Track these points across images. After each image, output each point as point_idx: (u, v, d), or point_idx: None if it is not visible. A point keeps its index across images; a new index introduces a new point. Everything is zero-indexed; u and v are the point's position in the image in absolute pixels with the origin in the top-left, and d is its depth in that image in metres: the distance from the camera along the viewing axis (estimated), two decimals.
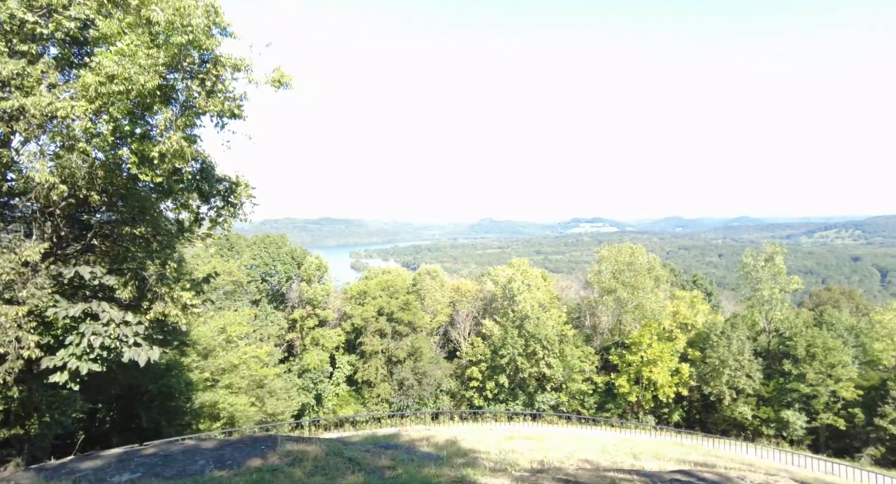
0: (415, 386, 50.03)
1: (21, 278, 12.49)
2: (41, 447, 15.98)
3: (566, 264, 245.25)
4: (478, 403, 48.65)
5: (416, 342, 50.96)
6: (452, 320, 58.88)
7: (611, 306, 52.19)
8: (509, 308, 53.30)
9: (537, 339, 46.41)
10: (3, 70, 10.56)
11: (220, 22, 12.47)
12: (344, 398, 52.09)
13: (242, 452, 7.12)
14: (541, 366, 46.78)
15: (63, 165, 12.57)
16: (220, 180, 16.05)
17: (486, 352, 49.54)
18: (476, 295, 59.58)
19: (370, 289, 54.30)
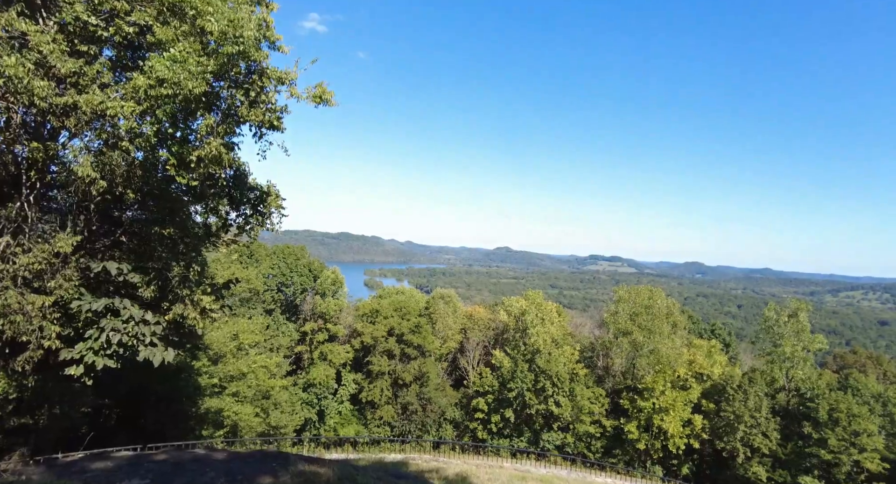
0: (419, 412, 49.08)
1: (51, 269, 12.67)
2: (46, 439, 15.91)
3: (581, 301, 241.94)
4: (481, 435, 47.38)
5: (423, 366, 50.24)
6: (462, 347, 58.05)
7: (625, 348, 50.89)
8: (521, 340, 52.36)
9: (548, 375, 45.33)
10: (62, 68, 10.95)
11: (271, 36, 12.82)
12: (346, 417, 51.30)
13: (253, 468, 6.92)
14: (549, 403, 45.53)
15: (104, 162, 12.87)
16: (251, 188, 16.25)
17: (494, 384, 48.50)
18: (488, 324, 58.79)
19: (383, 308, 54.06)
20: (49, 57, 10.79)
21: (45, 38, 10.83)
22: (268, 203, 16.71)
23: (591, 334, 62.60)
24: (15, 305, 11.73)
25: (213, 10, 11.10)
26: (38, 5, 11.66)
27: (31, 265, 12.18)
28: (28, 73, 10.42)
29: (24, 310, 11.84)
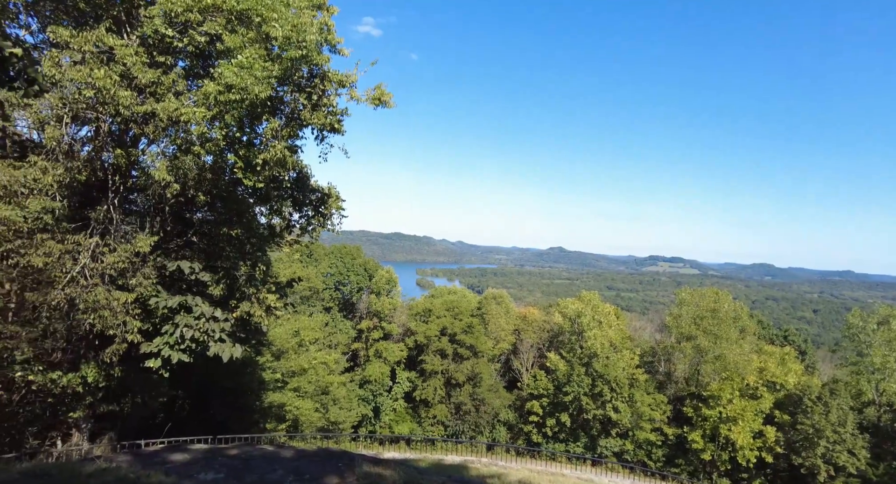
0: (472, 412, 48.90)
1: (132, 267, 13.49)
2: (129, 425, 17.05)
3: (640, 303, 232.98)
4: (536, 439, 46.57)
5: (476, 367, 50.00)
6: (515, 349, 57.32)
7: (689, 354, 48.44)
8: (577, 343, 50.99)
9: (605, 379, 43.89)
10: (142, 78, 11.62)
11: (332, 39, 13.05)
12: (401, 414, 51.97)
13: (319, 467, 7.01)
14: (607, 409, 44.08)
15: (178, 166, 13.57)
16: (313, 190, 16.68)
17: (549, 387, 47.52)
18: (542, 325, 57.72)
19: (435, 308, 54.32)
20: (132, 68, 11.48)
21: (129, 51, 11.53)
22: (328, 204, 17.11)
23: (651, 338, 60.12)
24: (103, 301, 12.59)
25: (278, 16, 11.42)
26: (123, 21, 12.45)
27: (115, 264, 13.03)
28: (114, 84, 11.13)
29: (110, 305, 12.69)
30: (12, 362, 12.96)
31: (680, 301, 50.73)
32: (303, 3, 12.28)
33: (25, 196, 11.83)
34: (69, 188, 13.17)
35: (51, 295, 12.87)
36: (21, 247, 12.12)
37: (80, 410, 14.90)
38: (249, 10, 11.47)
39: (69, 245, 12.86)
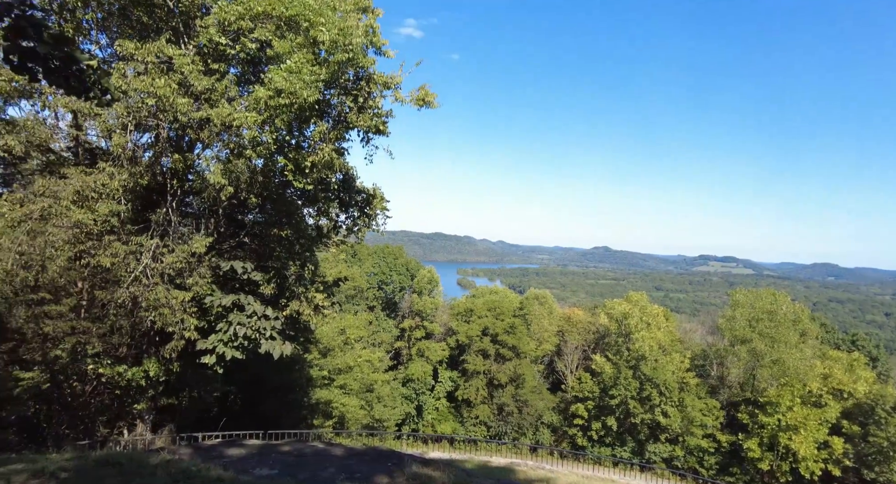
0: (515, 413, 48.42)
1: (189, 267, 14.10)
2: (187, 418, 17.87)
3: (689, 305, 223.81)
4: (581, 442, 45.58)
5: (519, 368, 49.46)
6: (559, 350, 56.32)
7: (743, 358, 46.07)
8: (624, 346, 49.53)
9: (654, 383, 42.40)
10: (198, 85, 12.11)
11: (377, 41, 13.17)
12: (443, 413, 52.12)
13: (369, 466, 7.08)
14: (655, 413, 42.59)
15: (231, 170, 14.05)
16: (358, 191, 16.92)
17: (595, 389, 46.39)
18: (587, 327, 56.42)
19: (476, 307, 54.13)
20: (189, 76, 11.99)
21: (186, 60, 12.04)
22: (373, 205, 17.34)
23: (702, 341, 57.61)
24: (163, 299, 13.24)
25: (325, 20, 11.63)
26: (181, 32, 13.04)
27: (174, 264, 13.67)
28: (173, 92, 11.66)
29: (169, 304, 13.32)
30: (85, 356, 13.83)
31: (734, 302, 48.35)
32: (348, 7, 12.47)
33: (95, 200, 12.58)
34: (132, 192, 13.92)
35: (117, 293, 13.66)
36: (91, 248, 12.91)
37: (143, 402, 15.75)
38: (298, 16, 11.73)
39: (133, 246, 13.60)
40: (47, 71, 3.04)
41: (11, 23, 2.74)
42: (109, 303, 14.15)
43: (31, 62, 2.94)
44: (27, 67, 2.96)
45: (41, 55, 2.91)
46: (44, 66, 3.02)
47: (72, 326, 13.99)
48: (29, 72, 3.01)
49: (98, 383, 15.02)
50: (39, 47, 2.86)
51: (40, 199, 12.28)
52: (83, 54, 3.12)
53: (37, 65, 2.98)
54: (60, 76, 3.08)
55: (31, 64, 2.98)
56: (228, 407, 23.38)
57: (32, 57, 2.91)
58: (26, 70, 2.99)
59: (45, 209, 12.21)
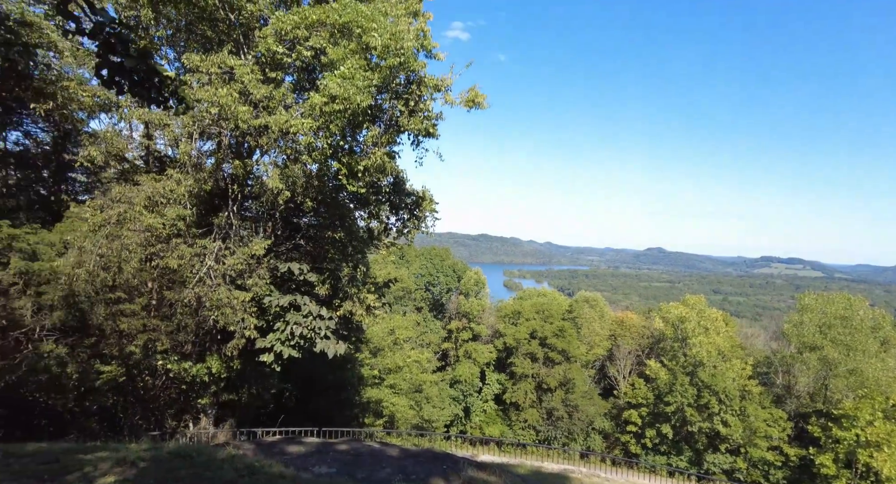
0: (565, 418, 47.46)
1: (249, 269, 14.71)
2: (245, 414, 18.65)
3: (750, 309, 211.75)
4: (634, 449, 44.08)
5: (569, 372, 48.46)
6: (611, 355, 54.75)
7: (813, 366, 43.03)
8: (680, 351, 47.51)
9: (713, 390, 40.41)
10: (257, 93, 12.61)
11: (428, 44, 13.25)
12: (491, 416, 51.84)
13: (425, 468, 7.10)
14: (714, 422, 40.56)
15: (287, 175, 14.54)
16: (408, 194, 17.09)
17: (649, 396, 44.76)
18: (641, 331, 54.55)
19: (524, 310, 53.50)
20: (248, 85, 12.51)
21: (246, 69, 12.58)
22: (423, 207, 17.46)
23: (765, 347, 54.38)
24: (225, 300, 13.87)
25: (377, 25, 11.81)
26: (241, 43, 13.64)
27: (235, 265, 14.30)
28: (234, 101, 12.20)
29: (231, 304, 13.94)
30: (155, 352, 14.70)
31: (802, 307, 45.30)
32: (399, 12, 12.62)
33: (164, 205, 13.35)
34: (197, 197, 14.68)
35: (183, 293, 14.44)
36: (160, 250, 13.72)
37: (206, 397, 16.56)
38: (351, 23, 11.98)
39: (197, 248, 14.34)
40: (132, 84, 3.24)
41: (104, 40, 2.94)
42: (176, 302, 14.99)
43: (119, 76, 3.15)
44: (115, 81, 3.17)
45: (127, 69, 3.10)
46: (129, 80, 3.22)
47: (143, 323, 14.92)
48: (117, 85, 3.21)
49: (166, 378, 15.93)
50: (126, 62, 3.05)
51: (117, 205, 13.18)
52: (162, 67, 3.30)
53: (123, 78, 3.18)
54: (143, 88, 3.27)
55: (118, 78, 3.18)
56: (284, 404, 24.21)
57: (120, 71, 3.11)
58: (114, 84, 3.20)
59: (121, 214, 13.09)
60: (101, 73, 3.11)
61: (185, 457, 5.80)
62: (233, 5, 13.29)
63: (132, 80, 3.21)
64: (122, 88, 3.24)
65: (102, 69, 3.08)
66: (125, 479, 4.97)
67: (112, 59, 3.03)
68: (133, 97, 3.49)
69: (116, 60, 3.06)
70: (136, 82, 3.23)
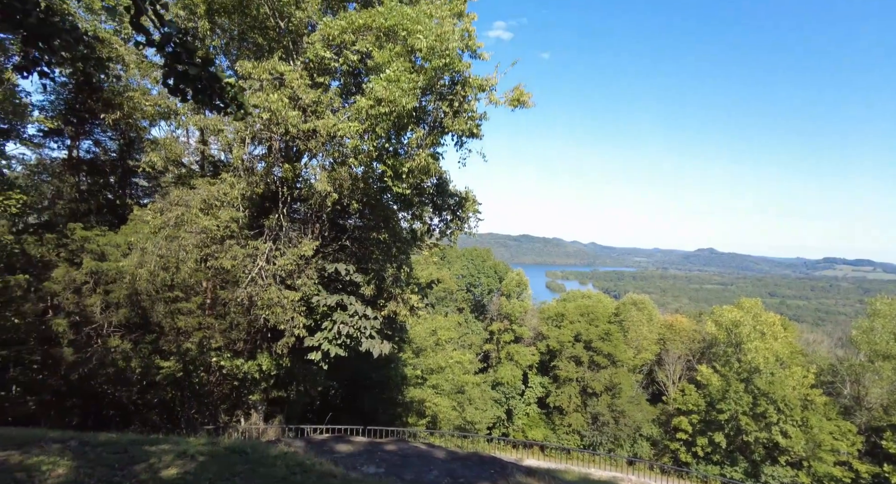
0: (610, 423, 46.22)
1: (298, 269, 15.11)
2: (294, 411, 19.17)
3: (812, 313, 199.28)
4: (684, 458, 42.39)
5: (615, 377, 47.16)
6: (660, 360, 52.89)
7: (887, 377, 40.09)
8: (734, 356, 45.30)
9: (770, 399, 38.30)
10: (306, 98, 12.94)
11: (472, 45, 13.19)
12: (534, 419, 51.16)
13: (472, 472, 7.06)
14: (773, 432, 38.41)
15: (334, 177, 14.85)
16: (451, 195, 17.08)
17: (700, 403, 42.92)
18: (691, 335, 52.42)
19: (568, 312, 52.48)
20: (297, 90, 12.85)
21: (295, 75, 12.93)
22: (465, 208, 17.41)
23: (830, 354, 51.06)
24: (275, 299, 14.30)
25: (423, 27, 11.86)
26: (290, 49, 14.03)
27: (285, 266, 14.72)
28: (285, 106, 12.56)
29: (281, 303, 14.37)
30: (209, 349, 15.35)
31: (872, 312, 42.33)
32: (444, 13, 12.62)
33: (218, 208, 13.91)
34: (249, 200, 15.22)
35: (236, 293, 15.00)
36: (215, 251, 14.29)
37: (257, 394, 17.14)
38: (396, 26, 12.09)
39: (249, 249, 14.86)
40: (195, 91, 3.36)
41: (170, 50, 3.06)
42: (230, 301, 15.61)
43: (183, 84, 3.27)
44: (180, 89, 3.30)
45: (191, 77, 3.22)
46: (192, 87, 3.34)
47: (199, 321, 15.63)
48: (181, 93, 3.34)
49: (220, 374, 16.60)
50: (190, 69, 3.17)
51: (175, 208, 13.85)
52: (223, 73, 3.39)
53: (187, 86, 3.30)
54: (206, 94, 3.39)
55: (183, 85, 3.30)
56: (330, 401, 24.76)
57: (184, 79, 3.23)
58: (179, 91, 3.33)
59: (179, 217, 13.74)
60: (168, 81, 3.24)
61: (240, 453, 6.01)
62: (282, 13, 13.70)
63: (195, 87, 3.33)
64: (186, 95, 3.37)
65: (169, 78, 3.21)
66: (186, 471, 5.19)
67: (178, 67, 3.15)
68: (196, 104, 3.62)
69: (181, 69, 3.18)
70: (199, 89, 3.35)
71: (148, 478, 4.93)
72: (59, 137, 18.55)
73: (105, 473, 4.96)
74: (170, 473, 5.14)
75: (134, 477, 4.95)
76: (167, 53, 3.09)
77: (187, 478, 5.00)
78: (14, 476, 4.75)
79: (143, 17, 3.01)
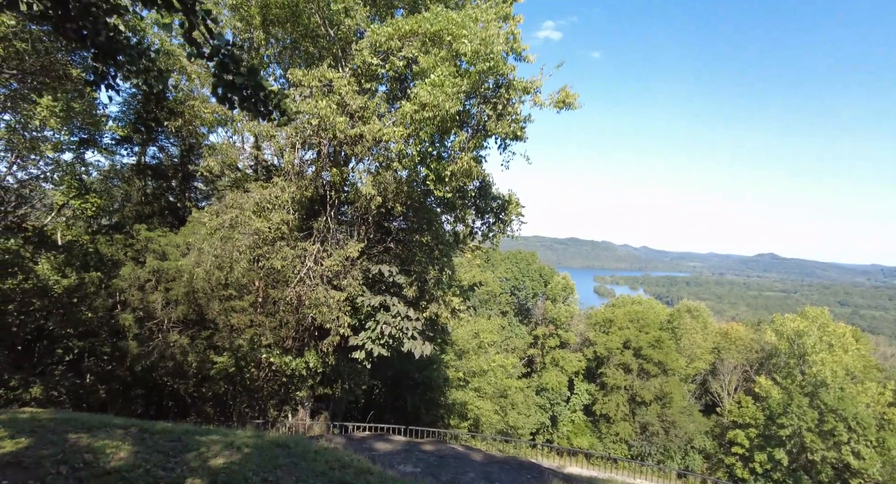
0: (660, 434, 44.48)
1: (344, 270, 15.50)
2: (339, 407, 19.65)
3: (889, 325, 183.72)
4: (741, 474, 40.21)
5: (665, 386, 45.36)
6: (714, 369, 50.45)
7: None
8: (797, 368, 42.60)
9: (840, 415, 35.69)
10: (353, 104, 13.29)
11: (517, 48, 13.12)
12: (579, 427, 49.99)
13: (509, 476, 7.01)
14: (843, 452, 35.76)
15: (379, 181, 15.14)
16: (494, 198, 17.04)
17: (759, 416, 40.61)
18: (749, 345, 49.72)
19: (617, 318, 50.97)
20: (345, 97, 13.22)
21: (343, 81, 13.31)
22: (508, 211, 17.32)
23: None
24: (322, 299, 14.74)
25: (468, 32, 11.91)
26: (339, 57, 14.46)
27: (332, 267, 15.15)
28: (333, 112, 12.95)
29: (328, 303, 14.79)
30: (260, 346, 16.00)
31: None
32: (489, 17, 12.63)
33: (270, 210, 14.50)
34: (299, 203, 15.77)
35: (285, 292, 15.58)
36: (266, 252, 14.90)
37: (303, 390, 17.69)
38: (442, 31, 12.21)
39: (298, 251, 15.40)
40: (241, 99, 3.55)
41: (219, 61, 3.26)
42: (279, 300, 16.21)
43: (231, 93, 3.47)
44: (227, 97, 3.50)
45: (238, 86, 3.41)
46: (239, 95, 3.53)
47: (251, 319, 16.32)
48: (229, 101, 3.55)
49: (269, 371, 17.27)
50: (237, 79, 3.36)
51: (230, 210, 14.55)
52: (267, 82, 3.57)
53: (234, 94, 3.49)
54: (251, 102, 3.57)
55: (230, 94, 3.50)
56: (373, 400, 25.19)
57: (232, 88, 3.43)
58: (227, 100, 3.53)
59: (234, 219, 14.44)
60: (217, 90, 3.45)
61: (283, 446, 6.25)
62: (332, 21, 14.14)
63: (241, 95, 3.52)
64: (233, 103, 3.57)
65: (218, 87, 3.42)
66: (232, 462, 5.46)
67: (226, 77, 3.35)
68: (242, 110, 3.83)
69: (229, 78, 3.37)
70: (245, 97, 3.54)
71: (197, 466, 5.23)
72: (129, 144, 19.93)
73: (160, 459, 5.30)
74: (217, 462, 5.42)
75: (185, 464, 5.26)
76: (216, 64, 3.29)
77: (233, 467, 5.26)
78: (83, 457, 5.18)
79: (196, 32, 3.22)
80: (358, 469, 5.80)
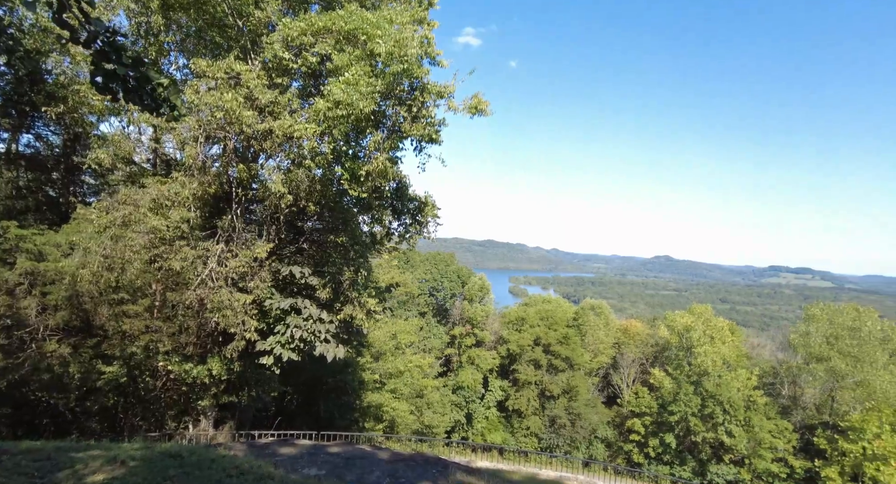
0: (567, 426, 47.19)
1: (251, 272, 14.82)
2: (246, 416, 18.70)
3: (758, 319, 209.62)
4: (637, 459, 43.71)
5: (572, 380, 48.24)
6: (615, 363, 54.44)
7: (820, 377, 42.65)
8: (685, 360, 47.19)
9: (717, 400, 40.08)
10: (263, 98, 12.78)
11: (431, 52, 13.36)
12: (493, 423, 51.60)
13: (415, 472, 7.13)
14: (719, 432, 40.18)
15: (291, 179, 14.68)
16: (411, 199, 17.17)
17: (653, 405, 44.44)
18: (646, 340, 54.21)
19: (529, 316, 53.36)
20: (254, 90, 12.67)
21: (252, 75, 12.75)
22: (425, 213, 17.54)
23: (772, 358, 53.91)
24: (226, 302, 13.97)
25: (382, 32, 11.94)
26: (248, 49, 13.83)
27: (237, 268, 14.42)
28: (240, 105, 12.36)
29: (232, 306, 14.05)
30: (157, 353, 14.83)
31: (808, 317, 45.02)
32: (405, 19, 12.75)
33: (169, 208, 13.51)
34: (201, 200, 14.83)
35: (185, 295, 14.56)
36: (164, 252, 13.86)
37: (206, 399, 16.64)
38: (356, 30, 12.13)
39: (200, 251, 14.47)
40: (126, 90, 3.34)
41: (97, 49, 3.04)
42: (179, 304, 15.13)
43: (113, 83, 3.25)
44: (109, 88, 3.27)
45: (120, 76, 3.20)
46: (123, 86, 3.32)
47: (146, 324, 15.08)
48: (111, 92, 3.32)
49: (167, 379, 16.06)
50: (118, 69, 3.15)
51: (123, 207, 13.36)
52: (156, 74, 3.39)
53: (117, 85, 3.28)
54: (136, 95, 3.37)
55: (113, 84, 3.28)
56: (285, 407, 24.27)
57: (113, 78, 3.21)
58: (109, 90, 3.30)
59: (127, 216, 13.27)
60: (96, 79, 3.21)
61: (175, 457, 5.87)
62: (241, 12, 13.50)
63: (126, 86, 3.31)
64: (116, 95, 3.35)
65: (96, 76, 3.18)
66: (114, 477, 5.04)
67: (105, 66, 3.14)
68: (126, 103, 3.60)
69: (110, 68, 3.16)
70: (130, 89, 3.33)
71: None
72: None
73: (22, 482, 4.74)
74: (96, 479, 4.97)
75: None
76: (94, 51, 3.07)
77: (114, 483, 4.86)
78: None
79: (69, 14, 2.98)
80: (258, 475, 5.62)
